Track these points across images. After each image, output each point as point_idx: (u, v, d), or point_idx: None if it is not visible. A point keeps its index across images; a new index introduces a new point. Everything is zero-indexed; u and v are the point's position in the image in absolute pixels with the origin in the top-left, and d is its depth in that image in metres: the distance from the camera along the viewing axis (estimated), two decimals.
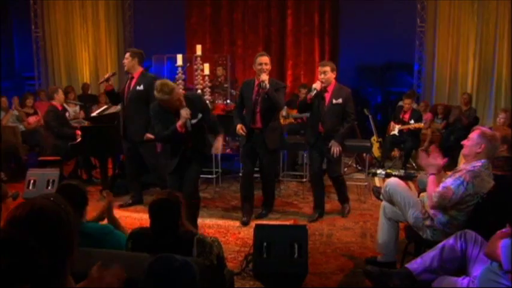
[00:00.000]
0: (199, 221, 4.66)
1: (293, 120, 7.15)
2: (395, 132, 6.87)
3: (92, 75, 9.30)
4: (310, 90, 4.65)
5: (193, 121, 3.81)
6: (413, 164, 6.85)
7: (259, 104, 4.51)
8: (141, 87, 4.85)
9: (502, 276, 2.06)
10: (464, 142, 3.14)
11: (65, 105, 6.92)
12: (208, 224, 4.68)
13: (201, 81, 6.61)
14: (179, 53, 6.77)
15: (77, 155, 5.95)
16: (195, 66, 6.66)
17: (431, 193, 2.99)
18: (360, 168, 6.82)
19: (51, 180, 5.09)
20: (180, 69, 6.40)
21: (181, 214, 2.45)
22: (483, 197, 2.98)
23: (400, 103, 7.47)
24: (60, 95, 6.02)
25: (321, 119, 4.55)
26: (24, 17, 9.68)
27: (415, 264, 2.68)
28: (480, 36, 7.93)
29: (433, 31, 8.33)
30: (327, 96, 4.52)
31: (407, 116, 6.85)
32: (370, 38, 9.54)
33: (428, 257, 2.63)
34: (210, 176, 5.87)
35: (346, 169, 6.83)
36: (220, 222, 4.75)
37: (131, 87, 4.93)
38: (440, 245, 2.63)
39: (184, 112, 3.70)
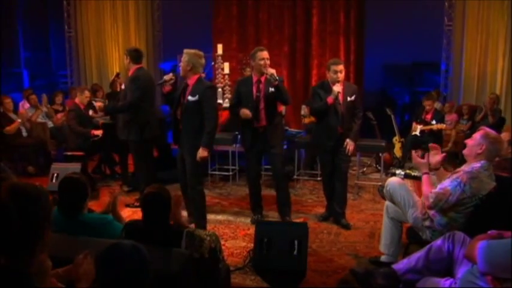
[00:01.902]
0: (211, 216, 4.80)
1: (314, 119, 7.14)
2: (417, 132, 6.77)
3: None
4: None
5: (190, 98, 4.04)
6: None
7: (263, 100, 4.38)
8: (123, 86, 4.91)
9: (479, 279, 2.05)
10: (467, 141, 3.10)
11: (93, 102, 7.20)
12: (220, 220, 4.78)
13: (221, 80, 6.73)
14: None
15: (99, 150, 6.17)
16: (216, 65, 6.79)
17: (427, 193, 2.97)
18: (379, 168, 6.75)
19: None
20: None
21: (171, 208, 2.55)
22: (482, 198, 2.94)
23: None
24: (84, 95, 6.22)
25: (340, 120, 4.38)
26: (60, 18, 10.05)
27: (401, 264, 2.68)
28: (510, 35, 7.67)
29: (461, 30, 8.11)
30: (340, 95, 4.34)
31: (429, 117, 6.76)
32: (397, 37, 9.44)
33: (415, 257, 2.63)
34: (226, 173, 5.98)
35: (365, 168, 6.81)
36: (232, 218, 4.84)
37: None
38: (428, 245, 2.63)
39: (166, 75, 4.19)
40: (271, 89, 4.34)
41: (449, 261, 2.45)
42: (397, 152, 7.12)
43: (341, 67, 4.36)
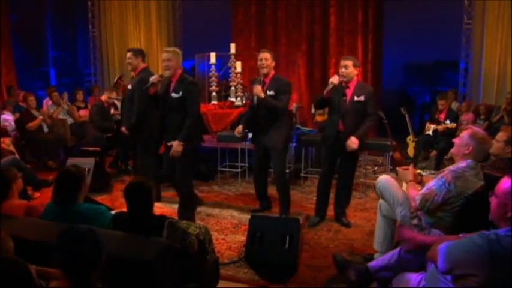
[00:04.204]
0: (216, 211, 4.96)
1: (325, 118, 7.16)
2: (430, 132, 6.72)
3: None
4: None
5: (174, 95, 4.14)
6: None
7: (259, 105, 4.52)
8: (129, 87, 5.00)
9: (440, 279, 2.10)
10: (455, 140, 3.11)
11: (114, 100, 7.45)
12: (224, 215, 4.90)
13: (234, 78, 6.85)
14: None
15: (114, 146, 6.40)
16: (229, 64, 6.92)
17: (413, 195, 3.00)
18: (391, 167, 6.72)
19: (86, 169, 5.53)
20: (213, 66, 6.72)
21: (152, 199, 2.69)
22: (469, 197, 2.94)
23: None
24: (112, 95, 6.51)
25: (341, 117, 4.35)
26: (87, 19, 10.40)
27: (376, 262, 2.73)
28: None
29: (481, 28, 7.96)
30: (349, 92, 4.30)
31: (443, 116, 6.69)
32: (419, 37, 9.34)
33: (389, 255, 2.68)
34: (236, 170, 6.09)
35: (376, 168, 6.80)
36: (236, 214, 4.93)
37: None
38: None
39: (151, 79, 4.19)
40: (270, 92, 4.45)
41: (422, 258, 2.47)
42: (411, 151, 7.07)
43: (346, 63, 4.29)
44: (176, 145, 4.05)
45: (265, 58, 4.48)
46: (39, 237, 2.54)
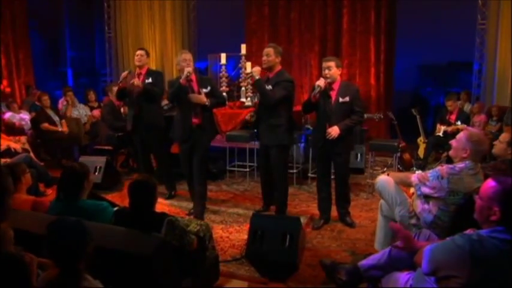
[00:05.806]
0: (222, 209, 5.04)
1: None
2: (440, 133, 6.68)
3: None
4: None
5: (204, 90, 4.55)
6: None
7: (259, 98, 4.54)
8: (149, 80, 5.20)
9: (426, 279, 2.12)
10: (452, 142, 3.12)
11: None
12: (230, 213, 4.96)
13: (244, 79, 6.92)
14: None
15: (125, 145, 6.52)
16: (240, 65, 6.99)
17: (409, 175, 3.18)
18: (401, 168, 6.71)
19: (98, 167, 5.69)
20: (223, 67, 6.79)
21: (155, 197, 2.76)
22: (467, 197, 2.95)
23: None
24: (115, 91, 6.61)
25: (327, 119, 4.27)
26: (104, 20, 10.60)
27: (367, 261, 2.75)
28: None
29: (495, 29, 7.87)
30: (333, 94, 4.25)
31: (453, 117, 6.64)
32: (431, 37, 9.25)
33: (379, 254, 2.70)
34: (243, 170, 6.15)
35: (386, 168, 6.78)
36: (242, 212, 4.98)
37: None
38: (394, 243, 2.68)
39: (186, 70, 4.45)
40: (268, 87, 4.35)
41: (411, 258, 2.49)
42: (421, 152, 7.04)
43: (329, 64, 4.22)
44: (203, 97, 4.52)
45: (267, 54, 4.36)
46: (41, 231, 2.65)
